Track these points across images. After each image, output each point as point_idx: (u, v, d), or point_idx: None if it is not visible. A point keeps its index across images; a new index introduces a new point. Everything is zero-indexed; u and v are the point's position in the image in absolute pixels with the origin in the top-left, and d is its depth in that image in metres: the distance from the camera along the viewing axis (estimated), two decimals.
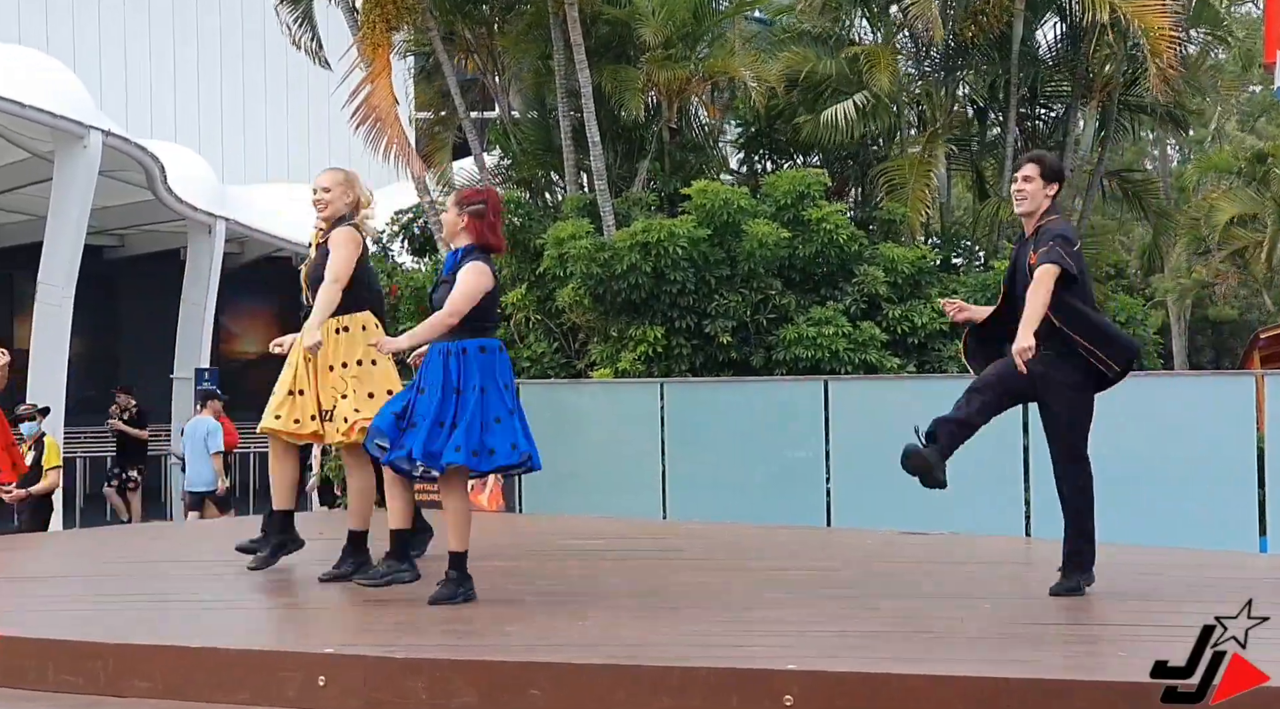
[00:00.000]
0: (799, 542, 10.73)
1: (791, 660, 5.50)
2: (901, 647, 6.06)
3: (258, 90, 32.08)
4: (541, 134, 17.93)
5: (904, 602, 7.45)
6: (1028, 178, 7.30)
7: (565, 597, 7.53)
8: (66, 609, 7.48)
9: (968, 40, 17.21)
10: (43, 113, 21.02)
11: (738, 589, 8.11)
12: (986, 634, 6.35)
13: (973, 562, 9.40)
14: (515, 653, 5.88)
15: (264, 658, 5.89)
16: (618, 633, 6.53)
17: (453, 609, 7.05)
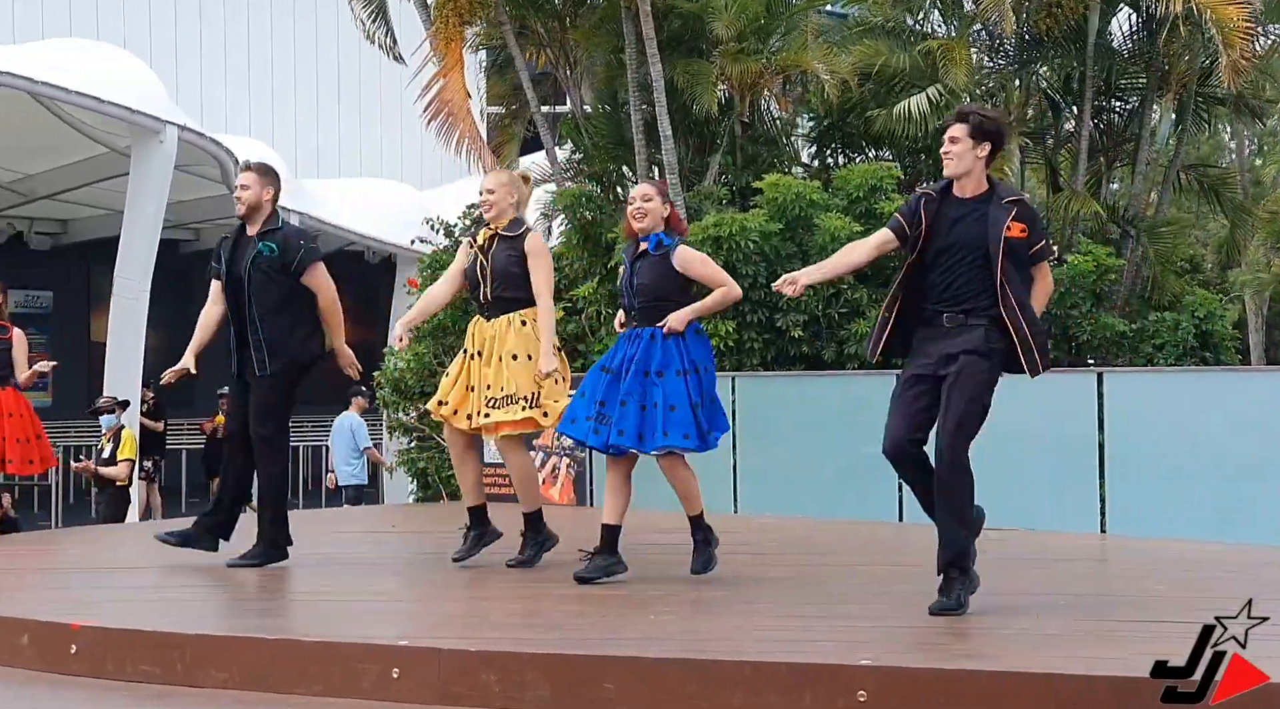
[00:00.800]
0: (871, 537, 10.70)
1: (865, 656, 5.48)
2: (976, 643, 6.02)
3: (330, 84, 32.28)
4: (613, 128, 17.93)
5: (978, 598, 7.39)
6: (954, 138, 6.71)
7: (637, 591, 7.54)
8: (144, 600, 7.56)
9: (1042, 33, 17.06)
10: (120, 108, 21.24)
11: (810, 584, 8.09)
12: (1063, 632, 6.30)
13: (1047, 558, 9.34)
14: (588, 646, 5.89)
15: (339, 650, 5.93)
16: (690, 627, 6.54)
17: (524, 603, 7.06)
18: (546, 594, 7.27)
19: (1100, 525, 10.77)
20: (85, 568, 9.15)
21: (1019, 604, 7.18)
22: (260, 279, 8.37)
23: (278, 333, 8.41)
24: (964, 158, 6.67)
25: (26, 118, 22.42)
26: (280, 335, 8.41)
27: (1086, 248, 15.82)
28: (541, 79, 19.51)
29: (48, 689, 6.12)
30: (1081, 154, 17.25)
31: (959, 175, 6.70)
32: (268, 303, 8.38)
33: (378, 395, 17.35)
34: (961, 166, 6.68)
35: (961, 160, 6.67)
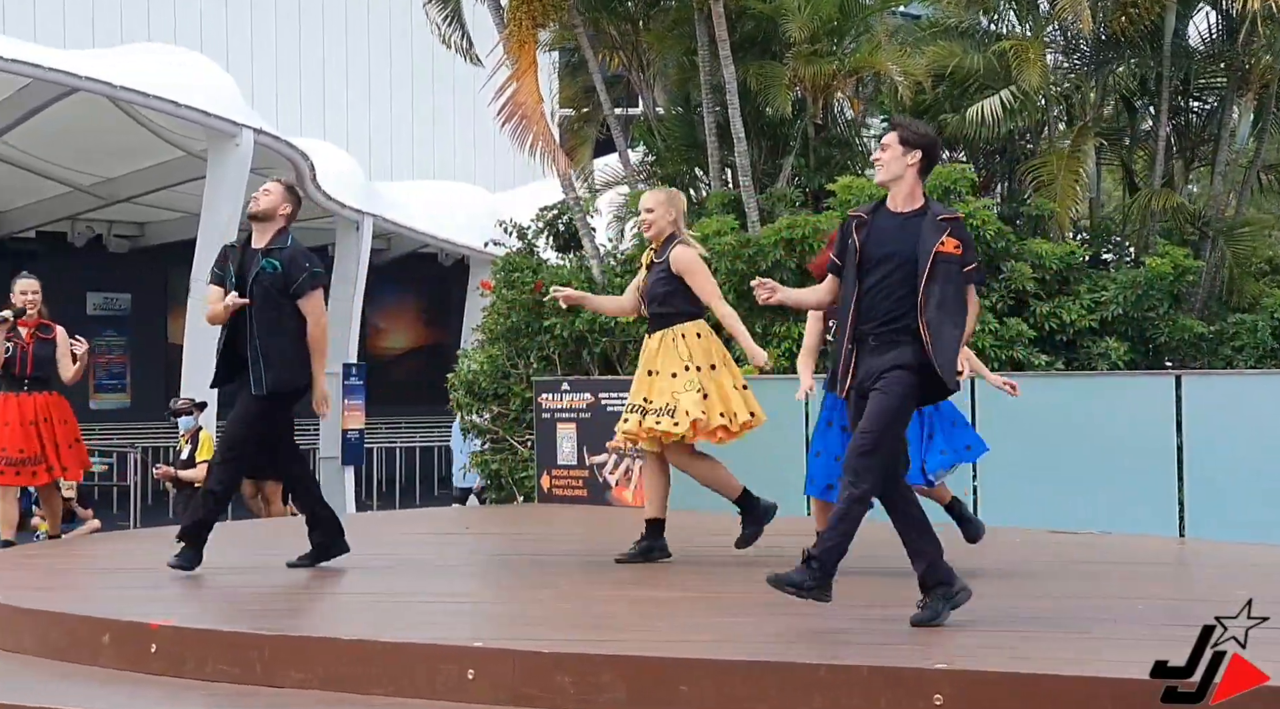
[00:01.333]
0: (946, 540, 10.59)
1: (941, 660, 5.46)
2: (1054, 647, 5.98)
3: (404, 87, 32.46)
4: (686, 130, 17.92)
5: (1055, 602, 7.35)
6: (885, 146, 6.73)
7: (711, 593, 7.54)
8: (223, 600, 7.63)
9: (1118, 32, 16.90)
10: (197, 112, 21.45)
11: (884, 587, 8.05)
12: (1141, 636, 6.24)
13: (1125, 562, 9.26)
14: (664, 649, 5.89)
15: (415, 650, 5.96)
16: (766, 629, 6.53)
17: (598, 604, 7.08)
18: (621, 596, 7.28)
19: (1179, 529, 10.67)
20: (164, 568, 9.24)
21: (1097, 608, 7.12)
22: (261, 295, 8.28)
23: (274, 352, 8.28)
24: (891, 165, 6.64)
25: (106, 122, 22.69)
26: (275, 355, 8.28)
27: (1164, 249, 15.67)
28: (614, 81, 19.52)
29: (128, 688, 6.19)
30: (1158, 155, 17.07)
31: (886, 181, 6.69)
32: (266, 321, 8.28)
33: (451, 397, 17.42)
34: (888, 173, 6.65)
35: (889, 168, 6.65)
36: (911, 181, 6.64)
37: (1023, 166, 17.07)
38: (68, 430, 11.27)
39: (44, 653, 6.80)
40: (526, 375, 16.19)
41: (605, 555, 8.99)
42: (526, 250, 17.78)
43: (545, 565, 9.33)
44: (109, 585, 8.33)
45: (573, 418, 13.66)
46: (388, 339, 32.91)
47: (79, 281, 29.51)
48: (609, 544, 8.45)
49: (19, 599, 7.31)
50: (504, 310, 16.75)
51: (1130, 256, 17.19)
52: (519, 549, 10.55)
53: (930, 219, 6.59)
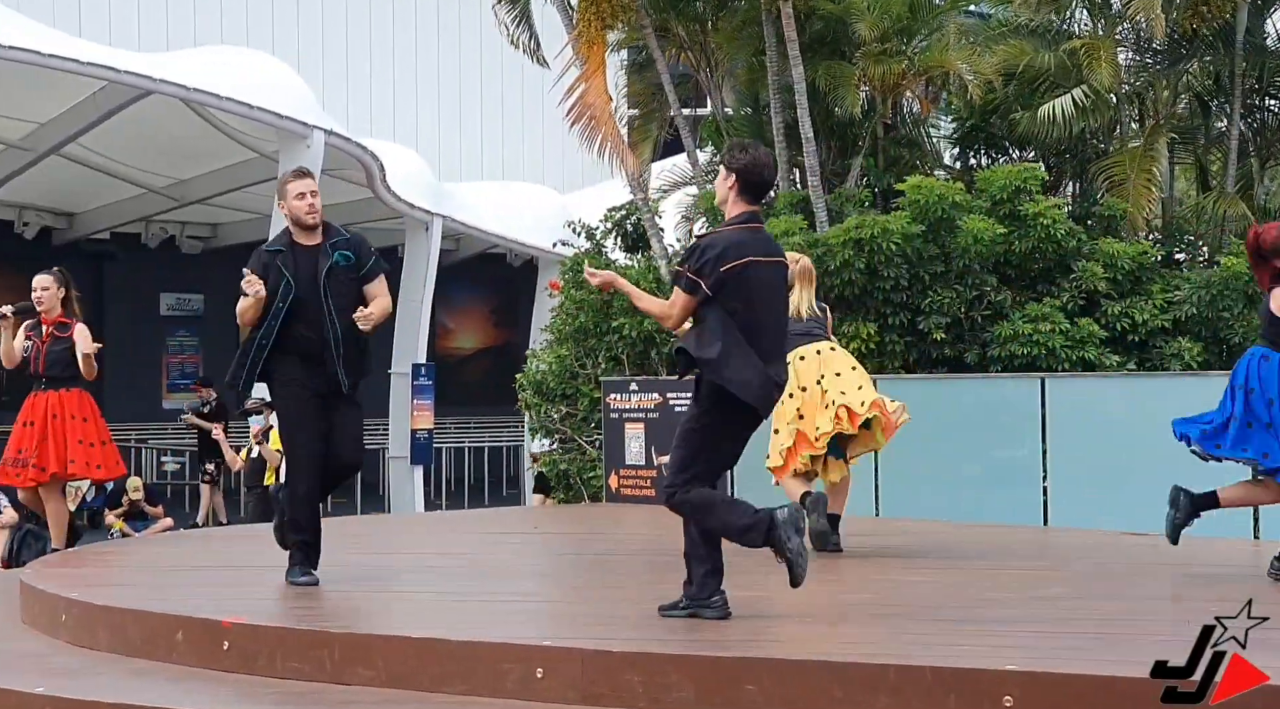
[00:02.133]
0: (1014, 541, 10.58)
1: (1010, 661, 5.43)
2: (1125, 649, 5.93)
3: (473, 88, 32.59)
4: (754, 130, 17.90)
5: (1126, 603, 7.30)
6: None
7: (779, 594, 7.51)
8: (294, 598, 7.68)
9: (1191, 31, 16.75)
10: (269, 114, 21.61)
11: (953, 588, 8.02)
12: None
13: (1197, 564, 9.17)
14: (732, 649, 5.89)
15: (484, 649, 5.98)
16: (833, 630, 6.51)
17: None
18: None
19: (1253, 531, 10.56)
20: (236, 566, 9.32)
21: (1170, 609, 7.07)
22: (338, 293, 7.83)
23: (353, 349, 7.88)
24: (719, 189, 6.83)
25: (180, 124, 22.91)
26: (354, 351, 7.90)
27: (1238, 248, 15.51)
28: (681, 81, 19.53)
29: (201, 684, 6.25)
30: (1231, 154, 16.90)
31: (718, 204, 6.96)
32: (346, 317, 7.79)
33: (519, 397, 17.48)
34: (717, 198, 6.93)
35: (717, 192, 6.88)
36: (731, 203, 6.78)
37: (1094, 166, 16.94)
38: (83, 428, 10.62)
39: (119, 650, 6.88)
40: (595, 375, 16.22)
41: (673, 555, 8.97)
42: (595, 251, 17.82)
43: (613, 565, 9.35)
44: (182, 583, 8.41)
45: (641, 418, 13.68)
46: (457, 339, 33.05)
47: (153, 282, 29.84)
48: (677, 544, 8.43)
49: (94, 596, 7.39)
50: (572, 310, 16.80)
51: (1204, 256, 17.03)
52: (587, 549, 10.57)
53: None
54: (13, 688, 6.22)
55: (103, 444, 10.72)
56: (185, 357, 31.01)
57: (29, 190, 25.62)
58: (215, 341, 30.41)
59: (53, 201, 27.29)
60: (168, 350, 30.85)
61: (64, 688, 6.18)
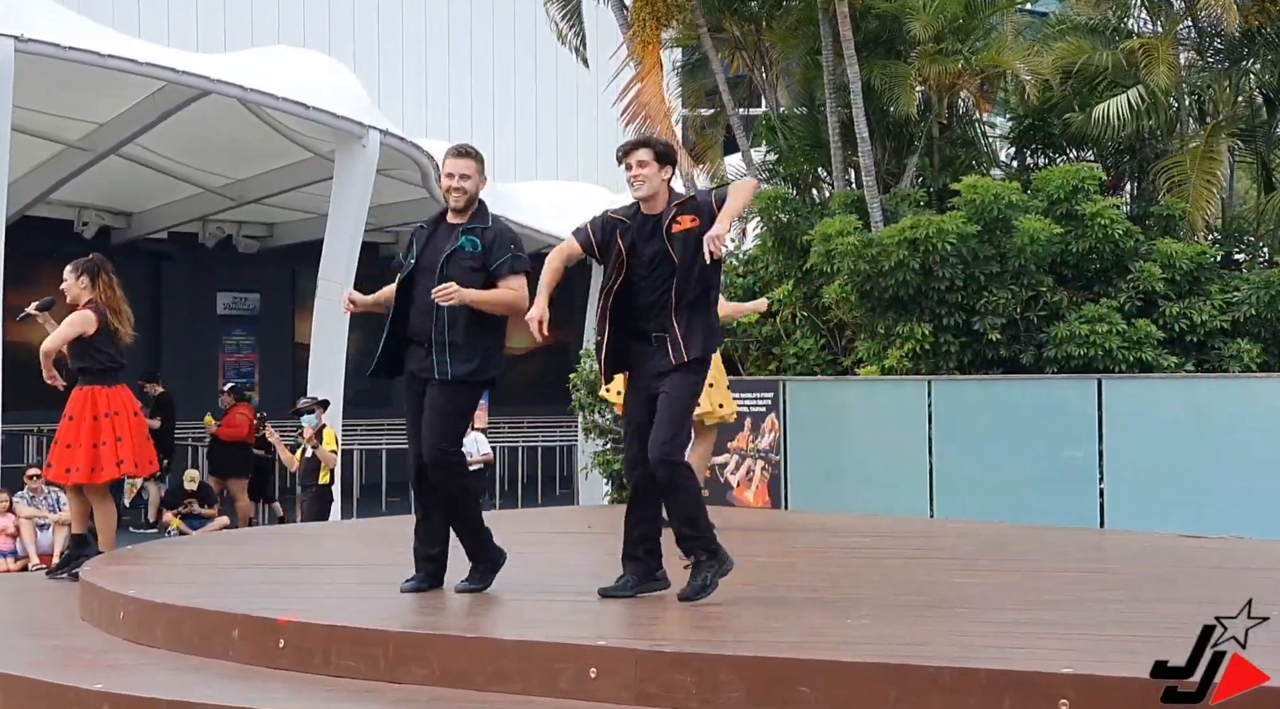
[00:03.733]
0: (1071, 543, 10.51)
1: (1067, 664, 5.39)
2: (1184, 654, 5.87)
3: (528, 87, 32.65)
4: (809, 130, 17.86)
5: (1185, 607, 7.24)
6: (642, 162, 7.20)
7: (832, 594, 7.50)
8: (349, 597, 7.72)
9: (1254, 29, 16.60)
10: (325, 114, 21.69)
11: (1008, 589, 7.98)
12: (1277, 642, 6.11)
13: (1258, 567, 9.09)
14: (784, 649, 5.87)
15: (538, 649, 5.99)
16: (886, 631, 6.48)
17: (720, 606, 7.06)
18: (744, 597, 7.27)
19: None
20: (291, 565, 9.37)
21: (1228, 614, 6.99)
22: (455, 274, 7.37)
23: (462, 339, 7.44)
24: (652, 180, 7.23)
25: (237, 124, 23.02)
26: (470, 339, 7.47)
27: None
28: (737, 82, 19.51)
29: (256, 682, 6.28)
30: None
31: (647, 197, 7.28)
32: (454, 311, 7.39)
33: (573, 398, 17.50)
34: (649, 189, 7.26)
35: (650, 183, 7.24)
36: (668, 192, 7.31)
37: (1154, 166, 16.80)
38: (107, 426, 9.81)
39: (175, 646, 6.93)
40: None
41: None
42: None
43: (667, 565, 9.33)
44: (238, 581, 8.46)
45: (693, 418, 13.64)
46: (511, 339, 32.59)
47: (210, 282, 30.01)
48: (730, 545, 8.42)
49: (151, 594, 7.44)
50: None
51: (1264, 257, 16.88)
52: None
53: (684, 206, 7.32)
54: (71, 684, 6.27)
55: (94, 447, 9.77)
56: (241, 355, 31.18)
57: (88, 190, 25.82)
58: (271, 340, 30.60)
59: (111, 201, 27.49)
60: (224, 349, 31.02)
61: (121, 684, 6.22)
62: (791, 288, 15.90)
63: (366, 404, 25.11)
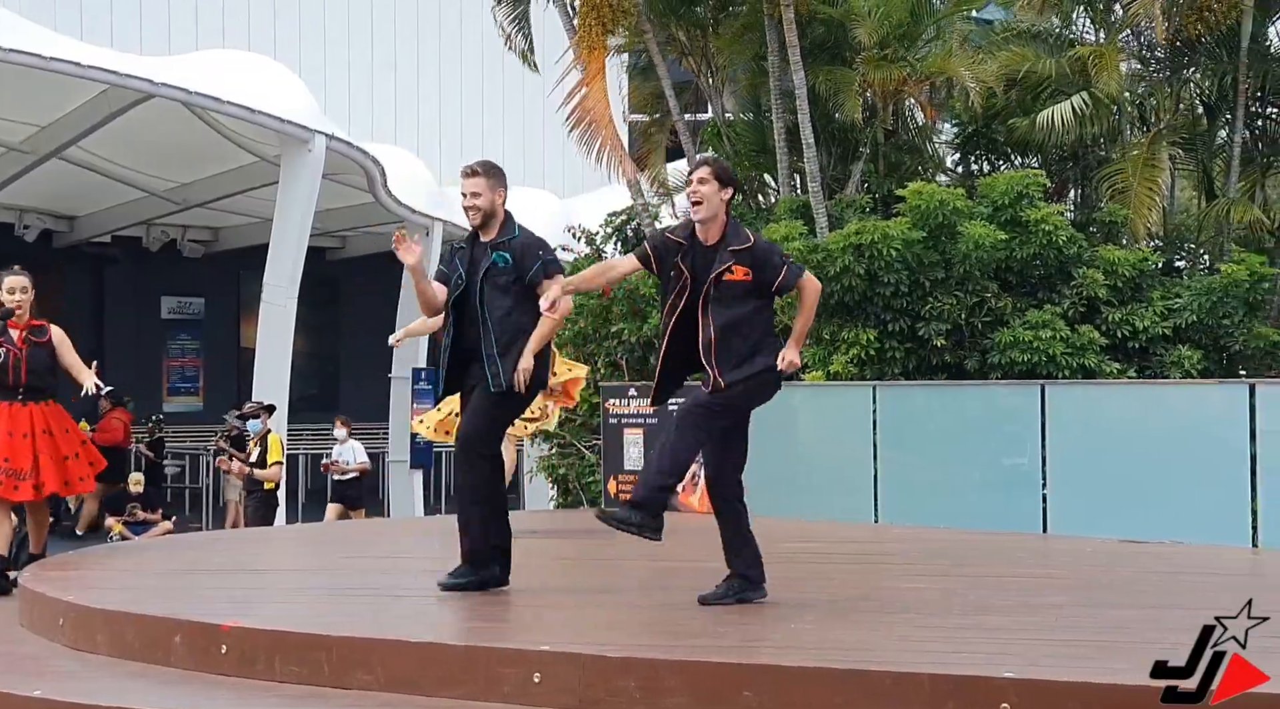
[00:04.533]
0: (1014, 548, 10.57)
1: (1009, 668, 5.42)
2: (1126, 657, 5.92)
3: (475, 93, 32.61)
4: (755, 135, 17.91)
5: (1126, 611, 7.29)
6: (703, 180, 7.15)
7: (777, 599, 7.51)
8: (292, 602, 7.68)
9: (1194, 38, 16.75)
10: (270, 118, 21.60)
11: (952, 594, 8.01)
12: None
13: (1196, 572, 9.17)
14: (728, 654, 5.88)
15: (482, 654, 5.98)
16: (831, 636, 6.50)
17: (664, 610, 7.06)
18: (688, 602, 7.28)
19: (1252, 539, 10.55)
20: (235, 570, 9.32)
21: (1166, 618, 7.05)
22: (492, 292, 7.72)
23: (510, 349, 7.66)
24: (711, 200, 7.16)
25: (181, 128, 22.90)
26: (511, 351, 7.67)
27: (1239, 256, 15.50)
28: (684, 87, 19.54)
29: (199, 688, 6.24)
30: (1233, 161, 16.90)
31: (706, 219, 7.18)
32: (499, 317, 7.69)
33: None
34: (709, 210, 7.18)
35: (709, 203, 7.17)
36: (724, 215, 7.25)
37: (1097, 173, 16.93)
38: (69, 441, 9.79)
39: (117, 653, 6.87)
40: (593, 380, 16.22)
41: (672, 561, 8.99)
42: (595, 255, 17.82)
43: (612, 570, 9.33)
44: (181, 586, 8.40)
45: (639, 423, 13.67)
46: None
47: (153, 286, 29.83)
48: (676, 550, 8.44)
49: (93, 599, 7.39)
50: (572, 315, 16.79)
51: (1205, 264, 17.03)
52: (586, 554, 10.56)
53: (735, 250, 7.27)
54: (11, 691, 6.21)
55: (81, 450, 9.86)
56: (186, 360, 31.01)
57: (30, 193, 25.62)
58: (216, 345, 30.44)
59: (54, 205, 27.29)
60: (168, 354, 30.84)
61: (61, 691, 6.17)
62: None
63: (312, 408, 25.00)
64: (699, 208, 7.14)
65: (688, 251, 7.22)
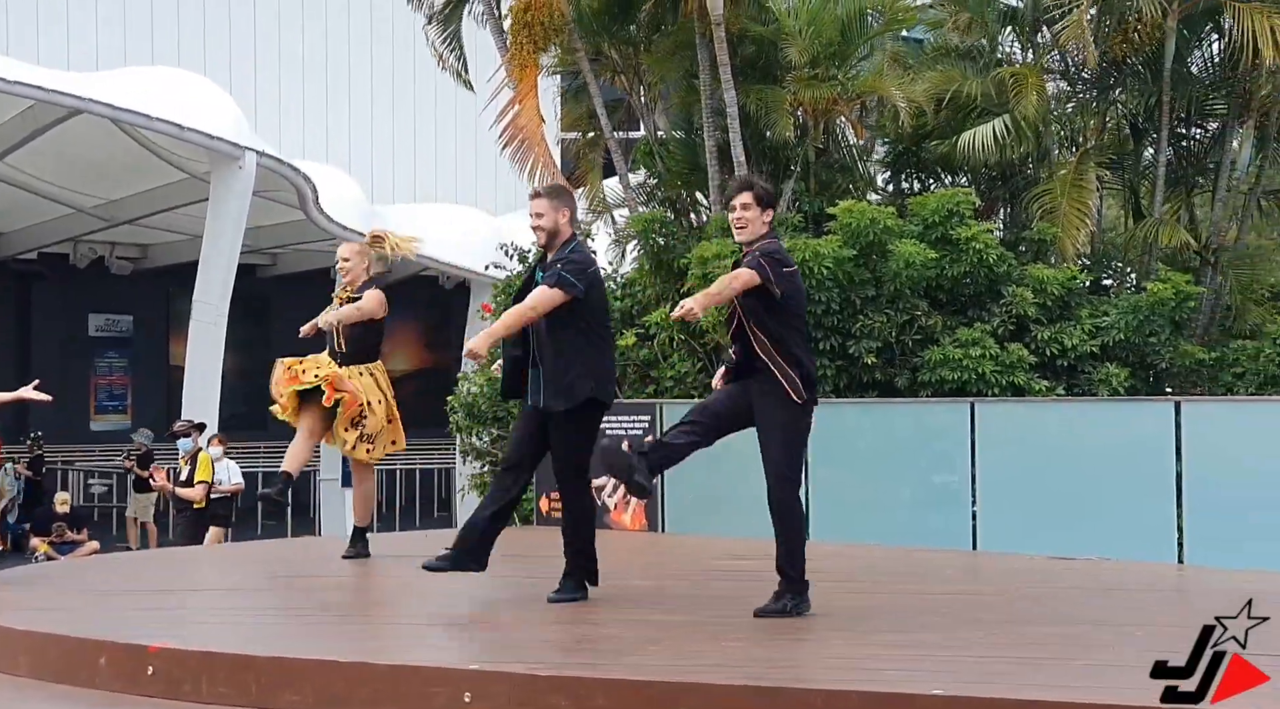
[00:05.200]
0: (944, 565, 10.63)
1: (938, 685, 5.44)
2: (1053, 673, 5.96)
3: (407, 111, 32.53)
4: (687, 153, 17.93)
5: (1053, 628, 7.34)
6: (745, 206, 7.45)
7: (707, 617, 7.52)
8: (220, 622, 7.62)
9: (1120, 59, 16.92)
10: (200, 135, 21.49)
11: (882, 612, 8.05)
12: (1140, 662, 6.21)
13: (1123, 588, 9.25)
14: (658, 672, 5.88)
15: (411, 673, 5.95)
16: (760, 654, 6.51)
17: (594, 628, 7.06)
18: (619, 619, 7.27)
19: (1178, 556, 10.65)
20: (162, 590, 9.23)
21: (1094, 634, 7.11)
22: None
23: (555, 368, 7.97)
24: (754, 224, 7.52)
25: (109, 144, 22.75)
26: (562, 371, 7.96)
27: (1165, 275, 15.66)
28: (617, 105, 19.55)
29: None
30: (1159, 181, 17.07)
31: (748, 241, 7.54)
32: (547, 335, 8.01)
33: (450, 420, 17.43)
34: (751, 233, 7.53)
35: (752, 227, 7.52)
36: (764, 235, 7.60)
37: (1028, 194, 17.05)
38: None
39: (40, 675, 6.79)
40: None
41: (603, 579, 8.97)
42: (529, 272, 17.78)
43: (544, 589, 9.30)
44: (106, 607, 8.32)
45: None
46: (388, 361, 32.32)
47: (81, 303, 29.58)
48: (607, 568, 8.43)
49: (15, 620, 7.30)
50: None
51: (1132, 282, 17.19)
52: (516, 572, 10.52)
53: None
54: None
55: None
56: (114, 378, 30.75)
57: None
58: (145, 363, 30.20)
59: None
60: (96, 372, 30.57)
61: None
62: (669, 311, 15.94)
63: (242, 427, 24.78)
64: (743, 232, 7.49)
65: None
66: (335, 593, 9.09)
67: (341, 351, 10.36)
